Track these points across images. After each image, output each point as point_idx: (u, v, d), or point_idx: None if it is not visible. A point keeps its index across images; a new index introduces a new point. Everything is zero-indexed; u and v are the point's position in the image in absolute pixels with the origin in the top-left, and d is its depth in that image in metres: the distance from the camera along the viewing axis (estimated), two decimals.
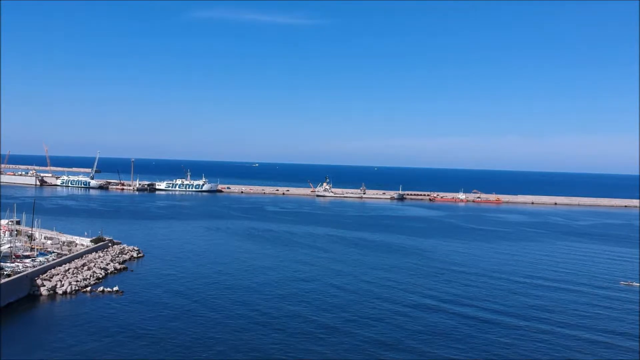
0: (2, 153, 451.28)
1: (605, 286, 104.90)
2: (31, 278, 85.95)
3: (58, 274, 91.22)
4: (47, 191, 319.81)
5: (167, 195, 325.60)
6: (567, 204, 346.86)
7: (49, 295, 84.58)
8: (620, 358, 65.38)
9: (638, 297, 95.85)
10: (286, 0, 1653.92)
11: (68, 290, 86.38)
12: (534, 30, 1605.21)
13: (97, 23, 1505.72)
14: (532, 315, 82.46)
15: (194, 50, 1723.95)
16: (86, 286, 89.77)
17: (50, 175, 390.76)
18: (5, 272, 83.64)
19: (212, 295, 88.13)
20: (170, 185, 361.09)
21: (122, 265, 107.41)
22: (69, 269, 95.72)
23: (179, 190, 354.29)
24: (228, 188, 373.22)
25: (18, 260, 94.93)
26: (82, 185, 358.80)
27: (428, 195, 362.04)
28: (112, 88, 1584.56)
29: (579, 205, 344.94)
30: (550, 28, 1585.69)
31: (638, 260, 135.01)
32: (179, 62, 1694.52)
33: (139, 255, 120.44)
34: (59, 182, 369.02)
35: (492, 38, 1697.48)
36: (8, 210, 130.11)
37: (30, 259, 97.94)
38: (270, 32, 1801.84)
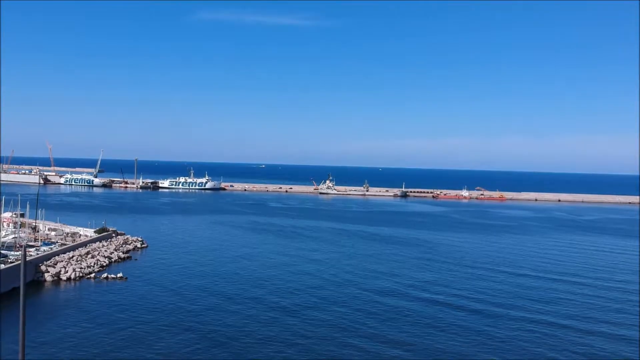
0: (4, 154, 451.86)
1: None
2: (35, 264, 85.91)
3: (62, 261, 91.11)
4: (50, 189, 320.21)
5: (171, 192, 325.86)
6: (571, 201, 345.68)
7: (53, 281, 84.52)
8: None
9: None
10: (289, 1, 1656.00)
11: (72, 276, 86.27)
12: (533, 30, 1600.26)
13: (101, 23, 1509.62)
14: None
15: (199, 52, 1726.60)
16: (90, 273, 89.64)
17: (53, 173, 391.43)
18: (9, 260, 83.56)
19: (216, 284, 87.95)
20: (174, 183, 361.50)
21: (126, 255, 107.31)
22: (72, 256, 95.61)
23: (182, 188, 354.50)
24: (231, 186, 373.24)
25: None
26: (86, 184, 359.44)
27: (431, 192, 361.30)
28: (115, 89, 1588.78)
29: (582, 202, 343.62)
30: (550, 28, 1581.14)
31: None
32: (182, 63, 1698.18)
33: (143, 245, 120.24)
34: (62, 180, 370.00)
35: (492, 38, 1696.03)
36: (12, 204, 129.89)
37: (34, 249, 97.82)
38: (273, 33, 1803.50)
